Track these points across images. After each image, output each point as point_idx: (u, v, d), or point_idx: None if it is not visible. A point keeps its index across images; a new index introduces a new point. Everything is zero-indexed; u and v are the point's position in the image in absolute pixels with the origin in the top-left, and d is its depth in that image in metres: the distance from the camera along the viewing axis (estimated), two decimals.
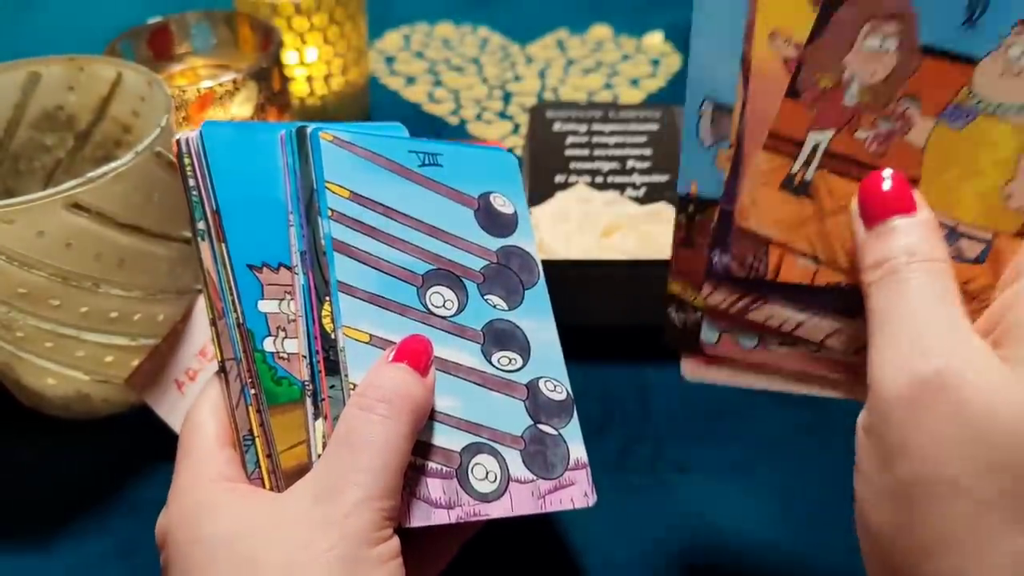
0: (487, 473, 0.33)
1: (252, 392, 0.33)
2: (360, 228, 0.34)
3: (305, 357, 0.33)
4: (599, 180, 0.56)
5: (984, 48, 0.28)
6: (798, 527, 0.42)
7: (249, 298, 0.33)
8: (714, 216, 0.32)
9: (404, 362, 0.32)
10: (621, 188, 0.56)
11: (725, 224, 0.31)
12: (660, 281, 0.35)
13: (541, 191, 0.55)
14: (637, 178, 0.57)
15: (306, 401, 0.33)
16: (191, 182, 0.34)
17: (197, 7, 0.59)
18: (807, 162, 0.30)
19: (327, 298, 0.33)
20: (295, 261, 0.34)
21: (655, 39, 0.83)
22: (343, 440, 0.30)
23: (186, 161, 0.35)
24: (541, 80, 0.77)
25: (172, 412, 0.45)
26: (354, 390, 0.31)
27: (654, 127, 0.61)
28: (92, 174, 0.39)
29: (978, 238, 0.29)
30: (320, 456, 0.31)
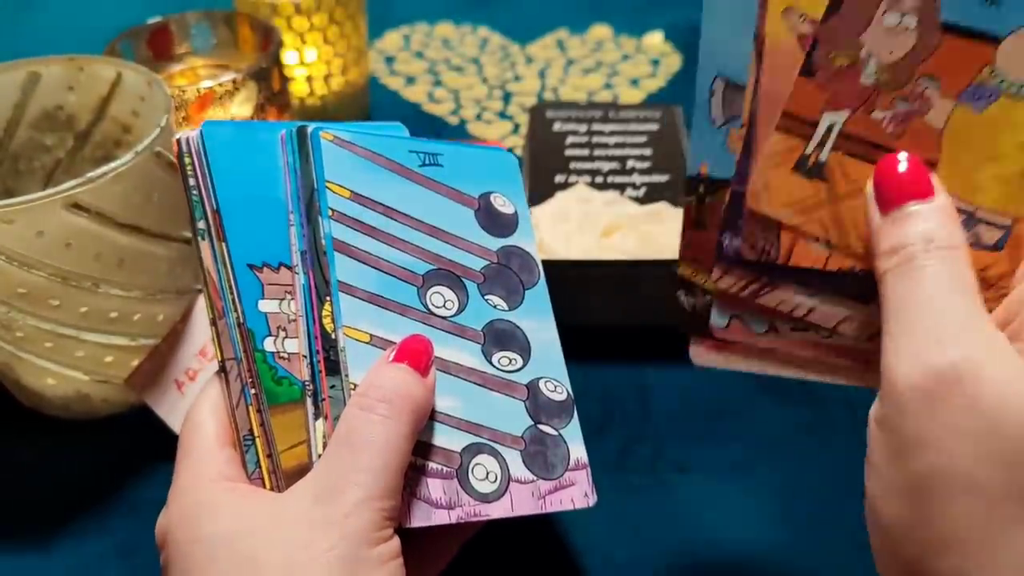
0: (487, 473, 0.33)
1: (252, 392, 0.33)
2: (360, 228, 0.34)
3: (305, 357, 0.33)
4: (599, 180, 0.56)
5: (1008, 26, 0.27)
6: (798, 527, 0.42)
7: (249, 298, 0.33)
8: (725, 198, 0.31)
9: (404, 362, 0.32)
10: (621, 188, 0.56)
11: (736, 206, 0.30)
12: (660, 281, 0.34)
13: (541, 191, 0.55)
14: (637, 178, 0.57)
15: (306, 401, 0.33)
16: (191, 181, 0.34)
17: (197, 7, 0.59)
18: (821, 143, 0.29)
19: (327, 298, 0.33)
20: (295, 261, 0.34)
21: (655, 39, 0.82)
22: (344, 440, 0.30)
23: (186, 160, 0.35)
24: (541, 80, 0.77)
25: (172, 412, 0.45)
26: (355, 390, 0.31)
27: (654, 127, 0.61)
28: (92, 174, 0.39)
29: (997, 224, 0.28)
30: (320, 456, 0.31)
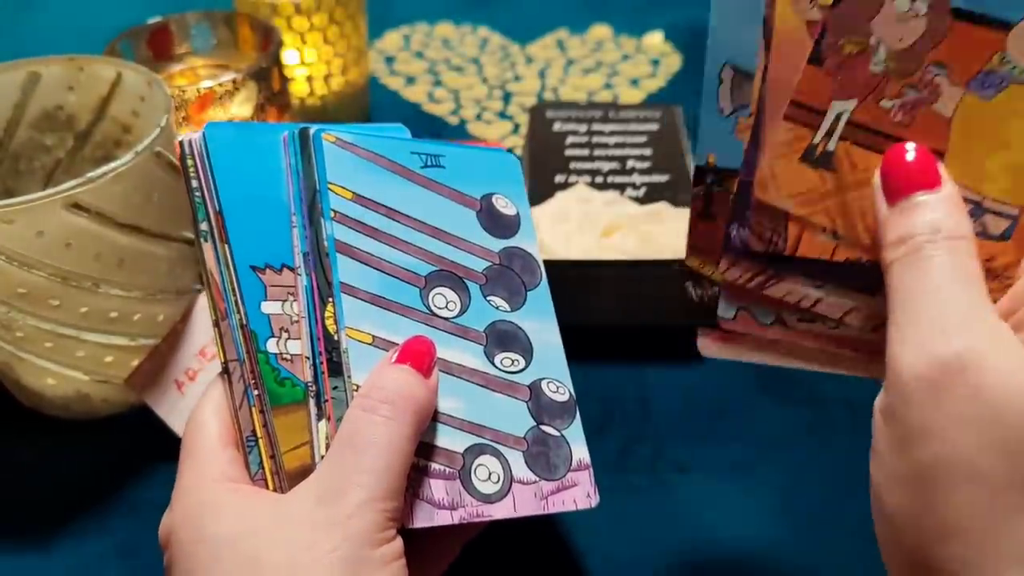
0: (490, 474, 0.33)
1: (255, 393, 0.33)
2: (363, 229, 0.34)
3: (308, 358, 0.33)
4: (599, 180, 0.56)
5: (1020, 11, 0.27)
6: (798, 527, 0.42)
7: (252, 299, 0.33)
8: (733, 188, 0.31)
9: (407, 363, 0.32)
10: (621, 188, 0.56)
11: (744, 197, 0.30)
12: (660, 281, 0.34)
13: (541, 191, 0.55)
14: (637, 178, 0.57)
15: (309, 402, 0.33)
16: (194, 183, 0.34)
17: (197, 7, 0.59)
18: (829, 133, 0.29)
19: (330, 299, 0.33)
20: (298, 262, 0.34)
21: (655, 39, 0.82)
22: (346, 441, 0.30)
23: (189, 162, 0.34)
24: (541, 80, 0.77)
25: (172, 412, 0.45)
26: (357, 391, 0.31)
27: (654, 127, 0.61)
28: (92, 174, 0.39)
29: (1004, 214, 0.28)
30: (323, 457, 0.31)
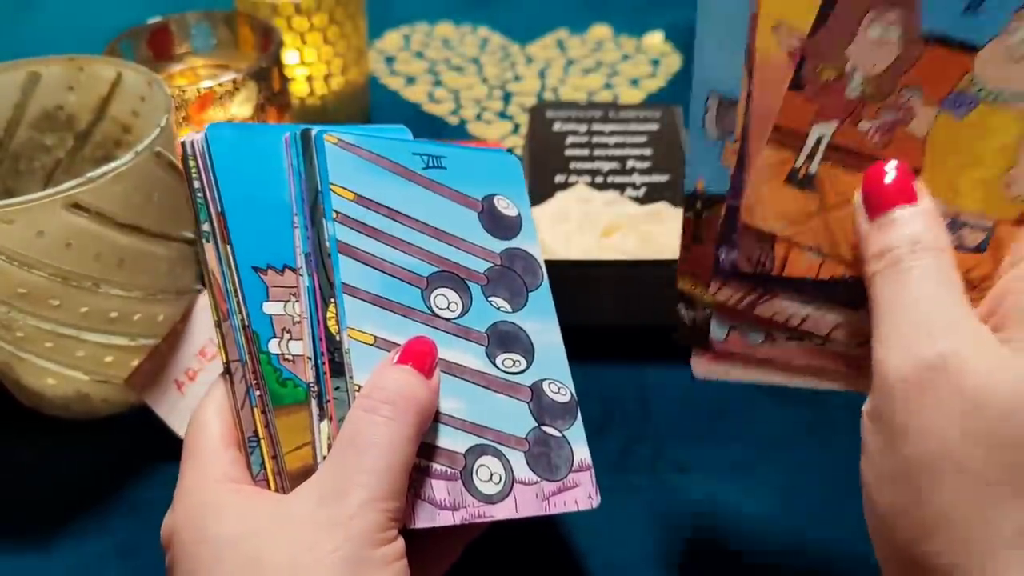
0: (491, 475, 0.33)
1: (257, 394, 0.33)
2: (364, 230, 0.34)
3: (310, 359, 0.33)
4: (599, 180, 0.56)
5: (986, 35, 0.28)
6: (798, 527, 0.43)
7: (254, 300, 0.33)
8: (721, 212, 0.32)
9: (409, 364, 0.32)
10: (621, 188, 0.56)
11: (731, 221, 0.31)
12: (660, 281, 0.35)
13: (541, 191, 0.55)
14: (637, 178, 0.57)
15: (311, 403, 0.33)
16: (196, 184, 0.34)
17: (197, 7, 0.59)
18: (811, 155, 0.30)
19: (332, 300, 0.33)
20: (300, 263, 0.34)
21: (655, 39, 0.82)
22: (348, 442, 0.30)
23: (191, 163, 0.34)
24: (541, 80, 0.77)
25: (172, 412, 0.45)
26: (359, 392, 0.31)
27: (654, 127, 0.61)
28: (92, 174, 0.39)
29: (979, 227, 0.29)
30: (325, 458, 0.31)
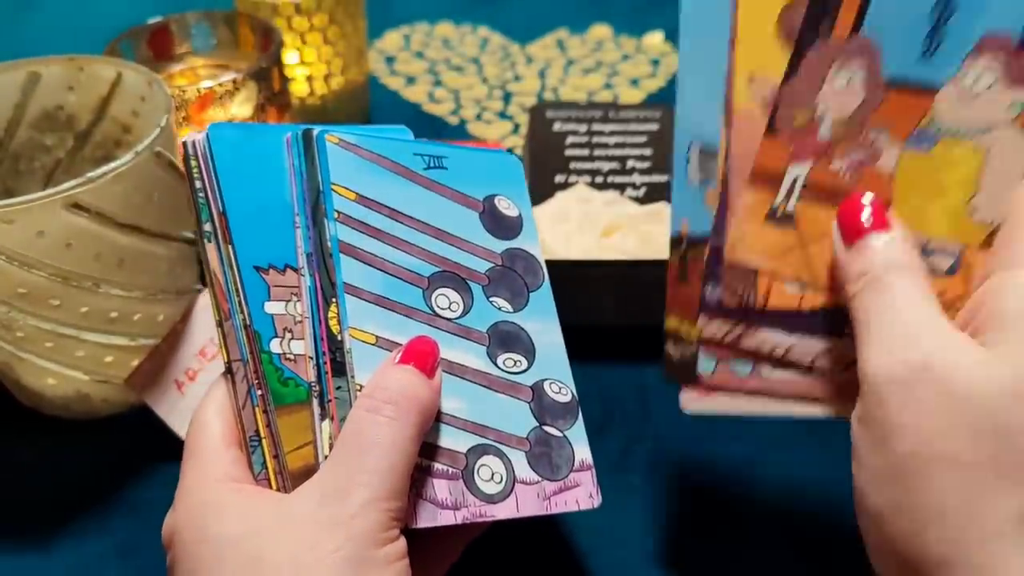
0: (493, 474, 0.33)
1: (259, 393, 0.33)
2: (366, 230, 0.34)
3: (311, 358, 0.33)
4: (599, 180, 0.56)
5: (941, 78, 0.30)
6: (799, 526, 0.43)
7: (255, 299, 0.33)
8: (705, 252, 0.33)
9: (411, 364, 0.32)
10: (621, 188, 0.56)
11: (716, 259, 0.33)
12: (660, 281, 0.36)
13: (541, 191, 0.55)
14: (637, 178, 0.57)
15: (312, 402, 0.33)
16: (197, 184, 0.34)
17: (197, 7, 0.59)
18: (788, 194, 0.32)
19: (333, 300, 0.33)
20: (301, 263, 0.34)
21: (655, 39, 0.82)
22: (350, 441, 0.30)
23: (192, 163, 0.34)
24: (541, 80, 0.77)
25: (172, 412, 0.45)
26: (361, 392, 0.31)
27: (654, 127, 0.61)
28: (92, 174, 0.39)
29: (948, 251, 0.31)
30: (327, 457, 0.31)
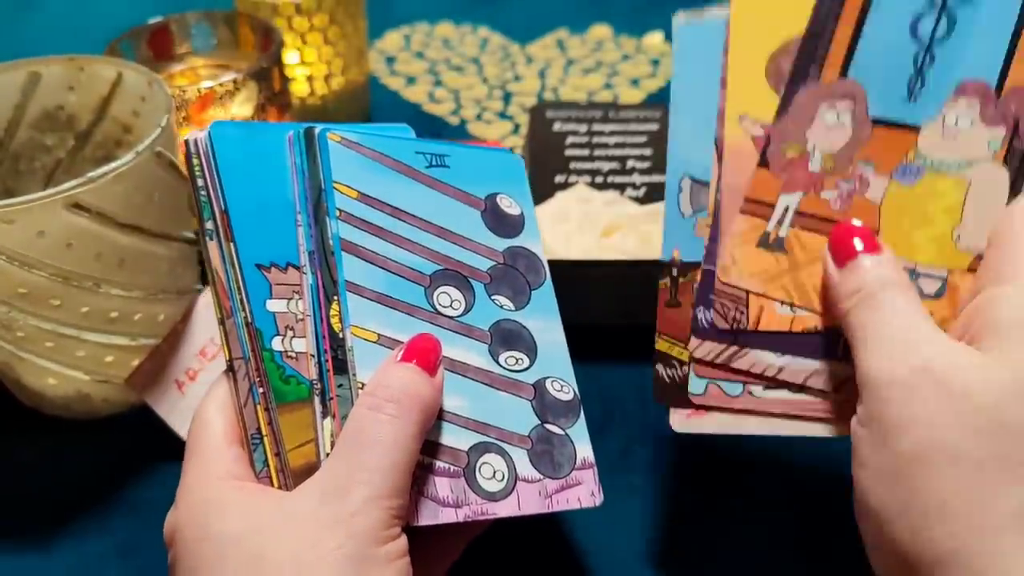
0: (494, 472, 0.33)
1: (260, 391, 0.33)
2: (368, 228, 0.34)
3: (313, 356, 0.33)
4: (599, 180, 0.57)
5: (924, 117, 0.33)
6: (799, 526, 0.43)
7: (257, 297, 0.33)
8: (696, 277, 0.35)
9: (413, 361, 0.32)
10: (621, 188, 0.56)
11: (708, 282, 0.35)
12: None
13: (541, 191, 0.55)
14: (637, 178, 0.57)
15: (314, 400, 0.33)
16: (200, 182, 0.34)
17: (197, 7, 0.59)
18: (780, 221, 0.34)
19: (335, 297, 0.33)
20: (303, 261, 0.34)
21: (655, 39, 0.82)
22: (351, 439, 0.30)
23: (195, 161, 0.35)
24: (541, 80, 0.77)
25: (172, 412, 0.45)
26: (363, 390, 0.31)
27: (654, 127, 0.61)
28: (92, 174, 0.39)
29: (934, 276, 0.33)
30: (328, 455, 0.31)
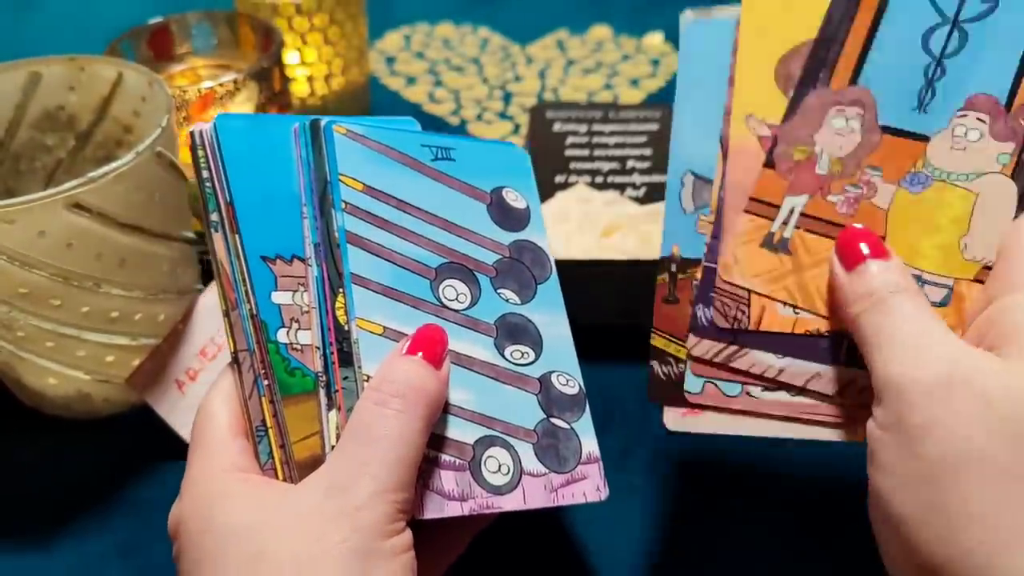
0: (500, 466, 0.33)
1: (265, 383, 0.33)
2: (373, 221, 0.34)
3: (318, 348, 0.33)
4: (599, 180, 0.57)
5: (934, 128, 0.33)
6: (799, 526, 0.42)
7: (263, 289, 0.33)
8: (696, 274, 0.34)
9: (419, 353, 0.31)
10: (621, 188, 0.56)
11: (709, 280, 0.34)
12: None
13: (541, 191, 0.55)
14: (637, 178, 0.57)
15: (319, 392, 0.33)
16: (204, 174, 0.34)
17: (198, 7, 0.59)
18: (785, 222, 0.34)
19: (340, 290, 0.33)
20: (308, 253, 0.34)
21: (655, 39, 0.83)
22: (357, 434, 0.30)
23: (200, 153, 0.34)
24: (541, 80, 0.77)
25: (173, 412, 0.45)
26: (368, 383, 0.31)
27: (654, 127, 0.61)
28: (93, 174, 0.39)
29: (940, 284, 0.33)
30: (333, 447, 0.31)
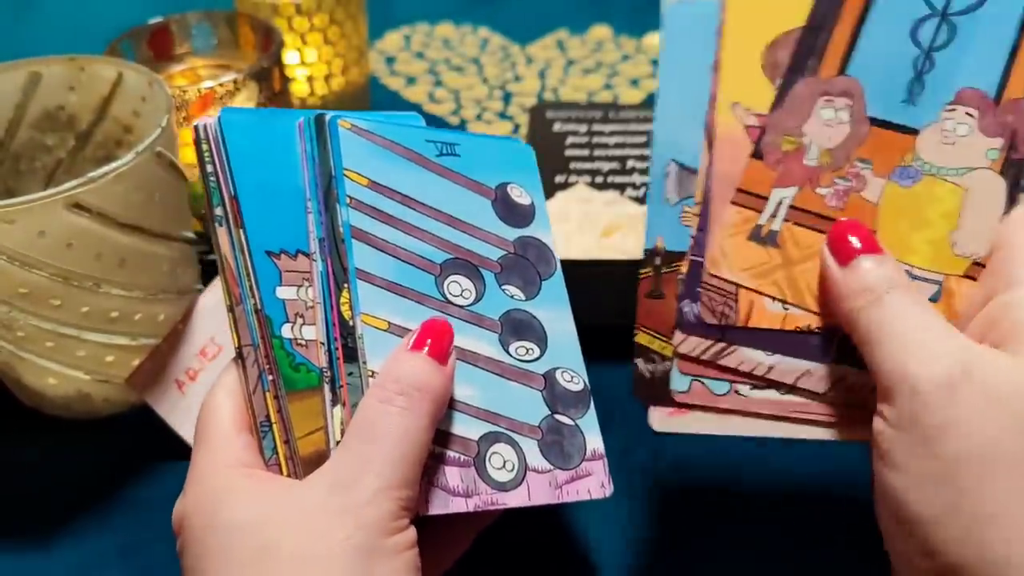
0: (504, 462, 0.33)
1: (270, 378, 0.33)
2: (378, 216, 0.34)
3: (323, 344, 0.33)
4: (599, 180, 0.57)
5: (923, 121, 0.32)
6: (799, 526, 0.42)
7: (267, 284, 0.33)
8: (682, 268, 0.33)
9: (425, 347, 0.31)
10: (621, 188, 0.56)
11: (695, 274, 0.33)
12: None
13: None
14: (637, 178, 0.57)
15: (324, 388, 0.32)
16: (209, 168, 0.34)
17: (197, 7, 0.59)
18: (773, 215, 0.33)
19: (345, 285, 0.33)
20: (313, 248, 0.34)
21: (655, 39, 0.83)
22: (362, 431, 0.30)
23: (204, 147, 0.34)
24: (541, 80, 0.77)
25: (173, 412, 0.45)
26: (373, 380, 0.31)
27: None
28: (93, 174, 0.39)
29: (930, 280, 0.32)
30: (338, 444, 0.31)
